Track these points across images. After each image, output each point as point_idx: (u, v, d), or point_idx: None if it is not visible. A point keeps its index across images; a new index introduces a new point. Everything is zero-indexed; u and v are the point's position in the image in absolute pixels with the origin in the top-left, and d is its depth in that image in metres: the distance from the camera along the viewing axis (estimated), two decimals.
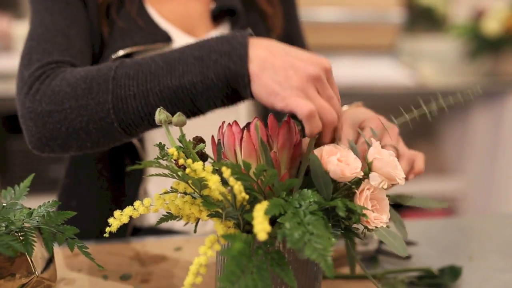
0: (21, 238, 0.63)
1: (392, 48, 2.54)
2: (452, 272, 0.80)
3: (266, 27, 1.02)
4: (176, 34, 0.95)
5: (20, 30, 2.05)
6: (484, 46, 2.52)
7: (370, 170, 0.61)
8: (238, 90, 0.67)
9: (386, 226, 0.60)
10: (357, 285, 0.77)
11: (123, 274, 0.78)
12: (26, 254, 0.63)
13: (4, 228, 0.63)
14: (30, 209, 0.67)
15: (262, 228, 0.51)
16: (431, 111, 0.66)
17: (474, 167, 2.53)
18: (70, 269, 0.79)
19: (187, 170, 0.58)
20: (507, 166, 2.47)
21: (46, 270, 0.67)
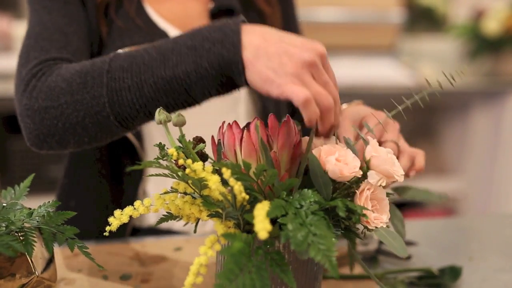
0: (21, 238, 0.63)
1: (392, 48, 2.54)
2: (452, 272, 0.80)
3: None
4: (174, 33, 0.95)
5: (20, 30, 2.05)
6: (484, 46, 2.52)
7: (368, 168, 0.60)
8: (232, 78, 0.66)
9: (386, 226, 0.60)
10: (357, 285, 0.77)
11: (123, 274, 0.78)
12: (26, 254, 0.63)
13: (4, 228, 0.63)
14: (30, 209, 0.67)
15: (263, 227, 0.51)
16: (423, 98, 0.66)
17: (474, 167, 2.53)
18: (70, 269, 0.79)
19: (187, 170, 0.58)
20: (507, 166, 2.47)
21: (46, 270, 0.67)
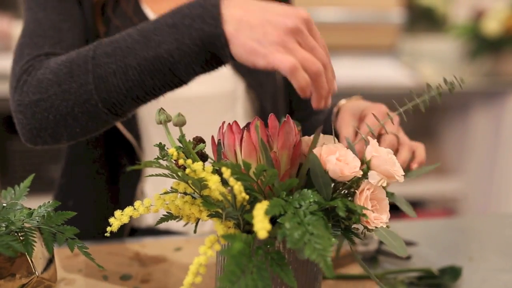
0: (21, 238, 0.63)
1: (392, 48, 2.54)
2: (452, 272, 0.80)
3: None
4: None
5: (20, 30, 2.05)
6: (484, 46, 2.52)
7: (368, 168, 0.61)
8: (216, 54, 0.65)
9: (386, 226, 0.60)
10: (357, 285, 0.77)
11: (123, 275, 0.78)
12: (26, 254, 0.63)
13: (4, 228, 0.63)
14: (30, 209, 0.67)
15: (262, 226, 0.51)
16: (424, 101, 0.66)
17: (474, 167, 2.53)
18: (70, 269, 0.79)
19: (187, 171, 0.58)
20: (507, 166, 2.47)
21: (46, 270, 0.67)
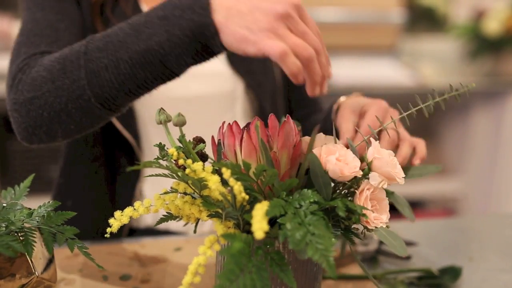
0: (21, 238, 0.63)
1: (392, 48, 2.54)
2: (452, 272, 0.80)
3: None
4: None
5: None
6: (484, 46, 2.52)
7: (369, 169, 0.61)
8: (207, 44, 0.65)
9: (386, 226, 0.60)
10: (357, 285, 0.77)
11: (123, 275, 0.78)
12: (26, 254, 0.63)
13: (4, 228, 0.63)
14: (30, 209, 0.67)
15: (259, 227, 0.51)
16: (428, 107, 0.66)
17: (475, 168, 2.53)
18: (70, 269, 0.79)
19: (187, 171, 0.58)
20: (507, 166, 2.46)
21: (46, 271, 0.67)
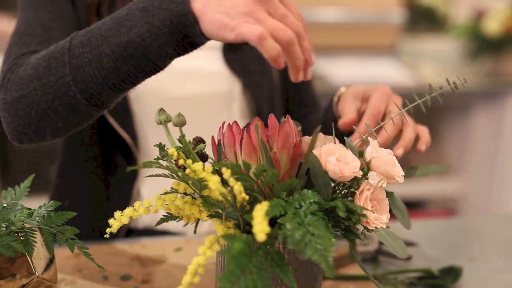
0: (21, 238, 0.63)
1: (392, 48, 2.54)
2: (452, 272, 0.80)
3: None
4: None
5: None
6: (484, 46, 2.52)
7: (368, 169, 0.60)
8: (187, 34, 0.64)
9: (386, 226, 0.60)
10: (357, 285, 0.77)
11: (124, 275, 0.78)
12: (26, 254, 0.63)
13: (4, 228, 0.63)
14: (30, 209, 0.67)
15: (261, 228, 0.51)
16: (425, 102, 0.66)
17: (475, 168, 2.53)
18: (71, 269, 0.79)
19: (187, 171, 0.58)
20: (508, 166, 2.46)
21: (47, 271, 0.67)
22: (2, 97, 0.76)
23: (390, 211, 0.63)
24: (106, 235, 0.60)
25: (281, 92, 1.08)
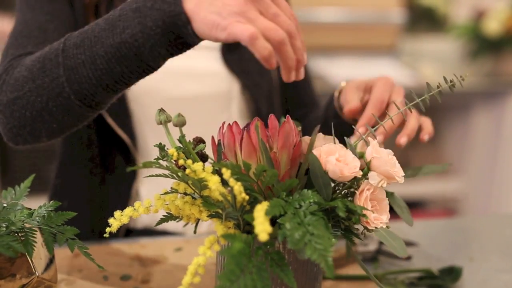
0: (21, 238, 0.63)
1: (392, 48, 2.54)
2: (452, 272, 0.80)
3: None
4: None
5: None
6: (484, 46, 2.52)
7: (369, 169, 0.61)
8: (180, 35, 0.64)
9: (386, 226, 0.60)
10: (357, 285, 0.77)
11: (124, 275, 0.78)
12: (26, 254, 0.63)
13: (4, 228, 0.63)
14: (30, 209, 0.67)
15: (263, 228, 0.51)
16: (424, 101, 0.67)
17: (475, 168, 2.53)
18: (71, 269, 0.79)
19: (187, 171, 0.58)
20: (508, 166, 2.46)
21: (47, 271, 0.67)
22: None
23: (390, 211, 0.63)
24: (106, 235, 0.60)
25: (280, 92, 1.08)
